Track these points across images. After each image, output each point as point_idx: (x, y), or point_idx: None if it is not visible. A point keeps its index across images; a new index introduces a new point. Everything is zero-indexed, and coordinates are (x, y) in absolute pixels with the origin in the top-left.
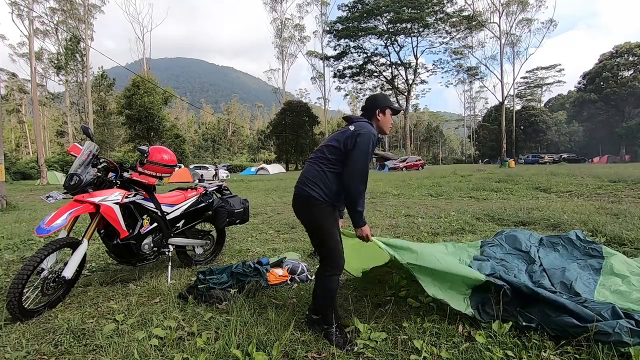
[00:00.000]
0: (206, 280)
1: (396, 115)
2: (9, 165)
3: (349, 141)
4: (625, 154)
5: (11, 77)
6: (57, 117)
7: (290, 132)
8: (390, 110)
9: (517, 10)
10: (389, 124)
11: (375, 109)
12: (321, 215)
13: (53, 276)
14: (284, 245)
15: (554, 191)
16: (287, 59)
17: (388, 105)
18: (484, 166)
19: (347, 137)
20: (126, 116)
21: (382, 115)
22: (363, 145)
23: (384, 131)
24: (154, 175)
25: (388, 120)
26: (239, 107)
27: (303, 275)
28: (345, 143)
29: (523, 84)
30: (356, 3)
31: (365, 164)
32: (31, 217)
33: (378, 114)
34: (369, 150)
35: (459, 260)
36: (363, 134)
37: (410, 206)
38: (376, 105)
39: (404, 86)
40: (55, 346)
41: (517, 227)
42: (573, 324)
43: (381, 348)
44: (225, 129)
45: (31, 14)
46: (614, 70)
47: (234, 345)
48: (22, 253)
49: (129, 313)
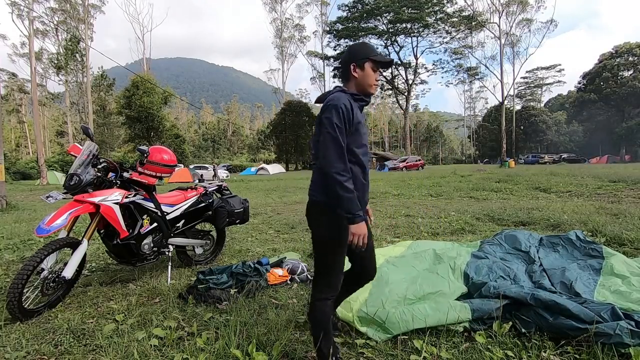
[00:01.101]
0: (206, 280)
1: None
2: (9, 165)
3: (318, 118)
4: (625, 154)
5: (11, 77)
6: (57, 117)
7: (290, 132)
8: (370, 62)
9: (517, 10)
10: (371, 81)
11: (349, 64)
12: (325, 224)
13: (53, 276)
14: (284, 245)
15: (554, 191)
16: (287, 59)
17: (366, 56)
18: (484, 166)
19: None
20: (126, 116)
21: (359, 71)
22: (325, 120)
23: (366, 91)
24: (154, 175)
25: (369, 75)
26: (239, 107)
27: (303, 275)
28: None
29: (523, 84)
30: (356, 3)
31: (332, 140)
32: (31, 217)
33: (354, 70)
34: (334, 122)
35: (456, 255)
36: (325, 108)
37: (410, 206)
38: (350, 58)
39: (404, 86)
40: (55, 346)
41: (517, 227)
42: (572, 327)
43: (381, 348)
44: (225, 129)
45: (31, 14)
46: (614, 71)
47: (234, 345)
48: (22, 253)
49: (129, 313)
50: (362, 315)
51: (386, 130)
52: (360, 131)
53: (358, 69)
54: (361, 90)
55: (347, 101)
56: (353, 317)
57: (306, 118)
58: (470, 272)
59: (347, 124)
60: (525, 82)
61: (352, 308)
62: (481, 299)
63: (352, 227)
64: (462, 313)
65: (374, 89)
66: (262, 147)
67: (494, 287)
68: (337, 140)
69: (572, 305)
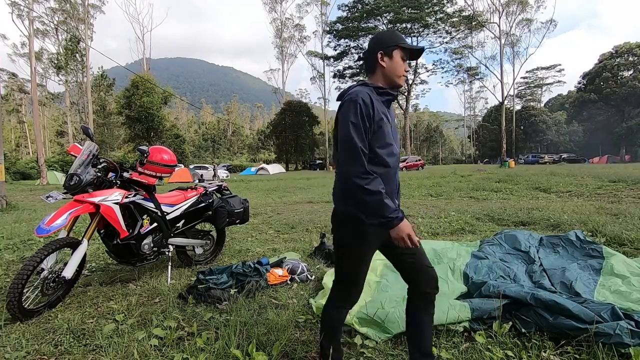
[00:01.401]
0: (206, 280)
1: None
2: (9, 165)
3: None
4: (625, 154)
5: (11, 77)
6: (57, 117)
7: (290, 132)
8: (399, 50)
9: (517, 10)
10: (400, 71)
11: (376, 53)
12: (344, 233)
13: (53, 276)
14: (284, 245)
15: (554, 191)
16: (287, 59)
17: (395, 44)
18: (484, 166)
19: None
20: (126, 116)
21: (387, 60)
22: (341, 117)
23: (394, 82)
24: (154, 175)
25: (398, 65)
26: (239, 107)
27: (303, 275)
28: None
29: (523, 84)
30: (356, 3)
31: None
32: (31, 217)
33: (381, 58)
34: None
35: (456, 256)
36: (341, 104)
37: (410, 206)
38: (377, 46)
39: (404, 86)
40: (55, 346)
41: (517, 227)
42: (572, 327)
43: (381, 348)
44: (225, 129)
45: (31, 14)
46: (614, 71)
47: (234, 345)
48: (22, 253)
49: (129, 313)
50: (362, 316)
51: None
52: (383, 129)
53: (386, 57)
54: (389, 82)
55: (367, 95)
56: (352, 319)
57: (306, 118)
58: (470, 272)
59: (366, 121)
60: (525, 82)
61: (351, 312)
62: (481, 299)
63: (393, 232)
64: (461, 312)
65: (403, 80)
66: (262, 147)
67: (493, 286)
68: (353, 140)
69: (572, 305)
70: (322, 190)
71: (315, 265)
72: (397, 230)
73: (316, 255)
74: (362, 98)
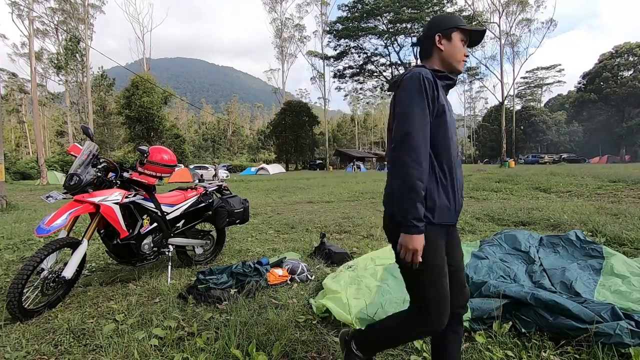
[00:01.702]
0: (206, 280)
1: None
2: (9, 165)
3: (392, 106)
4: (625, 154)
5: (11, 77)
6: (57, 117)
7: (290, 132)
8: (459, 32)
9: (517, 10)
10: (459, 55)
11: (434, 35)
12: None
13: (53, 276)
14: (284, 245)
15: (554, 191)
16: (287, 59)
17: (454, 25)
18: (484, 166)
19: (391, 103)
20: (125, 116)
21: (445, 43)
22: (405, 93)
23: (452, 67)
24: (154, 175)
25: (457, 48)
26: (239, 107)
27: (303, 275)
28: (392, 113)
29: (523, 84)
30: (356, 3)
31: (411, 119)
32: (31, 217)
33: (439, 41)
34: (415, 96)
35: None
36: (404, 80)
37: None
38: (435, 28)
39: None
40: (55, 346)
41: (517, 227)
42: (572, 326)
43: None
44: (225, 129)
45: (31, 14)
46: (614, 71)
47: (234, 345)
48: (22, 253)
49: (129, 313)
50: (362, 316)
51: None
52: (445, 118)
53: (444, 39)
54: (447, 66)
55: (430, 74)
56: (353, 318)
57: (306, 118)
58: (470, 272)
59: (430, 102)
60: (525, 82)
61: (352, 312)
62: (481, 299)
63: (403, 237)
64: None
65: (462, 65)
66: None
67: (493, 286)
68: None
69: (572, 305)
70: (322, 190)
71: (315, 265)
72: (410, 239)
73: (316, 255)
74: (424, 76)
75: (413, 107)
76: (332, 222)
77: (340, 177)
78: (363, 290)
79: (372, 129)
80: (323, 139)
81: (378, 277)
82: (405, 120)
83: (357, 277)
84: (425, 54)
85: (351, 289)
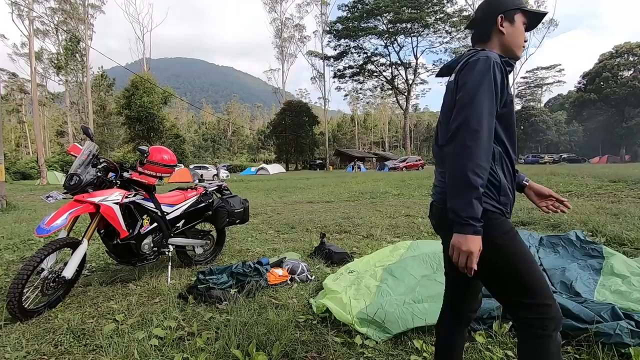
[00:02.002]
0: (206, 280)
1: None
2: (9, 165)
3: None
4: (625, 154)
5: (11, 77)
6: (57, 117)
7: (290, 132)
8: (521, 15)
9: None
10: (520, 40)
11: (496, 16)
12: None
13: (53, 276)
14: (284, 245)
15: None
16: (287, 59)
17: (517, 7)
18: None
19: (449, 89)
20: (125, 116)
21: (507, 25)
22: (471, 78)
23: (513, 53)
24: (154, 175)
25: (519, 32)
26: (239, 107)
27: (303, 275)
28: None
29: (523, 84)
30: (356, 3)
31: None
32: (31, 217)
33: (501, 22)
34: (484, 82)
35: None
36: (470, 62)
37: (410, 206)
38: (496, 8)
39: (404, 86)
40: (55, 346)
41: (517, 227)
42: (573, 326)
43: (381, 348)
44: (225, 129)
45: (31, 14)
46: (614, 70)
47: (234, 345)
48: (22, 253)
49: (129, 313)
50: (362, 316)
51: (386, 130)
52: (512, 108)
53: (506, 22)
54: (507, 51)
55: (499, 60)
56: (353, 319)
57: (306, 118)
58: None
59: (499, 90)
60: (525, 82)
61: (352, 312)
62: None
63: (456, 237)
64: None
65: (522, 51)
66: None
67: None
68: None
69: (572, 305)
70: (322, 190)
71: (315, 265)
72: (465, 239)
73: (316, 255)
74: (494, 60)
75: (480, 94)
76: (332, 222)
77: (340, 177)
78: (363, 291)
79: (372, 129)
80: (323, 139)
81: (378, 278)
82: (470, 109)
83: (357, 278)
84: (482, 38)
85: (351, 290)
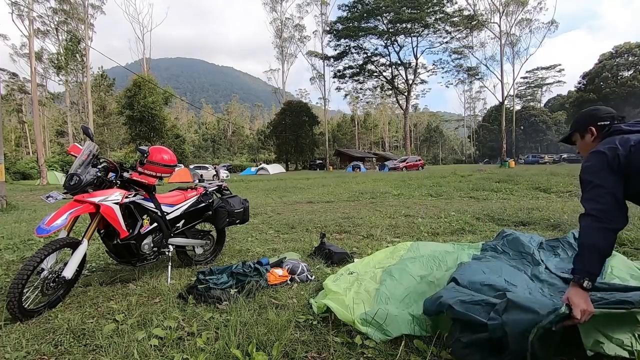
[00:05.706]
0: (206, 280)
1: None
2: (9, 165)
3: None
4: None
5: (12, 77)
6: (57, 117)
7: (290, 132)
8: (595, 129)
9: (517, 10)
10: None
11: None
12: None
13: (53, 276)
14: (284, 245)
15: (554, 191)
16: (287, 59)
17: (591, 125)
18: (484, 166)
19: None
20: (127, 116)
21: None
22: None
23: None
24: (154, 175)
25: (587, 145)
26: (239, 107)
27: (303, 275)
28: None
29: (523, 84)
30: (356, 3)
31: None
32: (31, 217)
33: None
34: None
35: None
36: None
37: (410, 206)
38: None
39: (404, 86)
40: (55, 346)
41: (517, 227)
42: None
43: (381, 348)
44: (225, 129)
45: (31, 14)
46: (614, 71)
47: (234, 345)
48: (22, 253)
49: (129, 313)
50: (363, 317)
51: (386, 130)
52: None
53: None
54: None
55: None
56: (354, 318)
57: (306, 118)
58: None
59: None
60: (525, 82)
61: (353, 312)
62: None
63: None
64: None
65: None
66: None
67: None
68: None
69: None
70: (322, 190)
71: (315, 265)
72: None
73: (316, 255)
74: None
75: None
76: (332, 222)
77: (340, 177)
78: (362, 295)
79: (372, 129)
80: (323, 139)
81: (377, 280)
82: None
83: (357, 280)
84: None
85: (351, 293)
